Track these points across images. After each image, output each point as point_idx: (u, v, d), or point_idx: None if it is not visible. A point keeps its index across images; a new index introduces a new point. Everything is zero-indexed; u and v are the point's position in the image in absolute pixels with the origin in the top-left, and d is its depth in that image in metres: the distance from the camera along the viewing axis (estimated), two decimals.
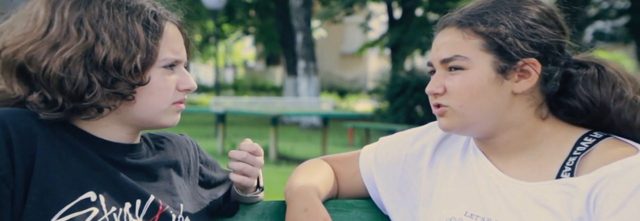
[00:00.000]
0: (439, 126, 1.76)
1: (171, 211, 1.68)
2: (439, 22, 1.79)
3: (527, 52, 1.69)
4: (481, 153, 1.79)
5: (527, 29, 1.69)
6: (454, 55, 1.70)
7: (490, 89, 1.69)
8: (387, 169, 1.90)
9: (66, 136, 1.59)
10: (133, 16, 1.59)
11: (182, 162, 1.77)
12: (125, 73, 1.56)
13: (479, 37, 1.69)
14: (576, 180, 1.67)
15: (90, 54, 1.55)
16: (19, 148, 1.52)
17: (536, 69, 1.70)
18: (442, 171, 1.83)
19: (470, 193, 1.77)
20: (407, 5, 19.61)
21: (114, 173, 1.61)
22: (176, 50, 1.64)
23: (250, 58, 40.01)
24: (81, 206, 1.55)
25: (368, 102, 25.94)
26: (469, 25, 1.70)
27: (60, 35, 1.56)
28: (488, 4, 1.73)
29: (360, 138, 14.91)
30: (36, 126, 1.55)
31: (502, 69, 1.69)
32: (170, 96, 1.64)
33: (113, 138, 1.64)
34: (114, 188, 1.60)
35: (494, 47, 1.69)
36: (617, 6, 18.57)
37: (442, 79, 1.72)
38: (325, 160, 1.98)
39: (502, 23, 1.69)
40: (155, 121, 1.65)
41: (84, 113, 1.58)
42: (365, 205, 1.95)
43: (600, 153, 1.69)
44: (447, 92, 1.72)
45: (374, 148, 1.94)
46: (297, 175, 1.90)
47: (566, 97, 1.76)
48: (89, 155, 1.60)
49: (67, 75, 1.54)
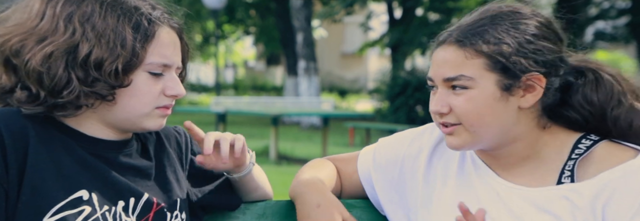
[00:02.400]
0: (449, 145, 1.74)
1: (166, 208, 1.67)
2: (437, 36, 1.76)
3: (531, 69, 1.68)
4: (481, 162, 1.79)
5: (529, 46, 1.68)
6: (459, 74, 1.68)
7: (497, 107, 1.68)
8: (385, 170, 1.90)
9: (57, 134, 1.59)
10: (125, 18, 1.59)
11: (174, 154, 1.76)
12: (106, 74, 1.56)
13: (482, 57, 1.67)
14: (579, 186, 1.67)
15: (73, 50, 1.55)
16: (12, 148, 1.53)
17: (541, 84, 1.69)
18: (440, 175, 1.83)
19: (470, 201, 1.75)
20: (408, 5, 19.60)
21: (105, 171, 1.61)
22: (166, 55, 1.63)
23: (251, 58, 39.98)
24: (73, 204, 1.55)
25: (368, 101, 25.91)
26: (471, 45, 1.68)
27: (48, 30, 1.56)
28: (487, 20, 1.71)
29: (361, 138, 14.90)
30: (28, 125, 1.55)
31: (506, 87, 1.68)
32: (154, 100, 1.63)
33: (102, 136, 1.64)
34: (106, 187, 1.60)
35: (498, 67, 1.67)
36: (617, 6, 18.56)
37: (446, 98, 1.70)
38: (329, 160, 1.99)
39: (504, 42, 1.67)
40: (137, 124, 1.64)
41: (62, 109, 1.57)
42: (366, 205, 1.95)
43: (601, 157, 1.69)
44: (453, 111, 1.70)
45: (373, 149, 1.94)
46: (302, 172, 1.90)
47: (565, 108, 1.76)
48: (80, 153, 1.60)
49: (46, 70, 1.54)
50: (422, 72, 16.17)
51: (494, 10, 1.73)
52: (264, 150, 12.51)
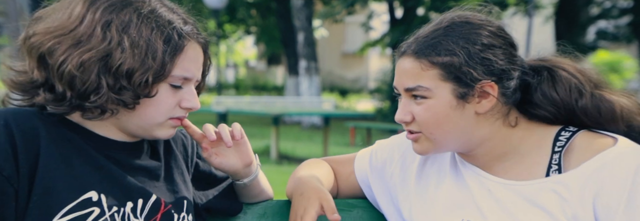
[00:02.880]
0: (415, 151, 1.80)
1: (173, 210, 1.68)
2: (398, 47, 1.82)
3: (481, 78, 1.72)
4: (466, 162, 1.82)
5: (479, 56, 1.72)
6: (417, 85, 1.75)
7: (454, 114, 1.74)
8: (381, 171, 1.93)
9: (69, 135, 1.60)
10: (158, 31, 1.61)
11: (181, 156, 1.78)
12: (135, 83, 1.58)
13: (436, 68, 1.73)
14: (564, 177, 1.70)
15: (107, 58, 1.57)
16: (23, 148, 1.53)
17: (493, 92, 1.74)
18: (434, 177, 1.86)
19: (465, 201, 1.79)
20: (409, 5, 19.59)
21: (116, 172, 1.62)
22: (190, 70, 1.65)
23: (252, 57, 40.00)
24: (82, 206, 1.56)
25: (369, 101, 25.92)
26: (425, 56, 1.74)
27: (85, 34, 1.58)
28: (440, 32, 1.76)
29: (362, 138, 14.90)
30: (40, 125, 1.57)
31: (461, 95, 1.73)
32: (169, 111, 1.66)
33: (114, 137, 1.65)
34: (116, 188, 1.61)
35: (451, 77, 1.73)
36: (619, 5, 18.54)
37: (408, 107, 1.77)
38: (325, 160, 2.01)
39: (454, 54, 1.72)
40: (149, 131, 1.66)
41: (88, 112, 1.59)
42: (367, 205, 1.95)
43: (580, 147, 1.73)
44: (415, 120, 1.76)
45: (370, 151, 1.98)
46: (298, 171, 1.93)
47: (531, 107, 1.79)
48: (91, 154, 1.61)
49: (80, 75, 1.56)
50: None
51: (448, 21, 1.78)
52: (264, 149, 12.51)
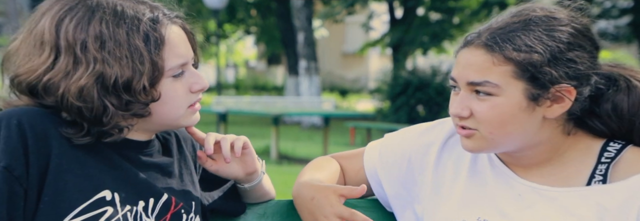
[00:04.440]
0: (464, 148, 1.69)
1: (183, 210, 1.67)
2: (465, 37, 1.68)
3: (562, 81, 1.61)
4: (498, 160, 1.76)
5: (562, 55, 1.60)
6: (484, 80, 1.61)
7: (521, 116, 1.62)
8: (392, 165, 1.87)
9: None
10: (133, 31, 1.58)
11: (190, 157, 1.78)
12: (136, 93, 1.57)
13: (511, 64, 1.59)
14: (609, 187, 1.63)
15: (100, 79, 1.55)
16: (35, 148, 1.53)
17: (570, 96, 1.63)
18: (450, 171, 1.80)
19: (483, 198, 1.73)
20: (409, 5, 19.59)
21: (129, 170, 1.62)
22: (182, 54, 1.63)
23: (252, 57, 39.99)
24: (96, 205, 1.56)
25: (369, 101, 25.90)
26: (500, 50, 1.60)
27: (69, 64, 1.55)
28: (519, 24, 1.62)
29: (362, 138, 14.89)
30: (53, 126, 1.56)
31: (534, 97, 1.61)
32: (184, 102, 1.65)
33: (129, 136, 1.64)
34: (129, 187, 1.61)
35: (526, 76, 1.60)
36: (619, 5, 18.55)
37: (467, 102, 1.64)
38: (333, 157, 1.97)
39: (535, 51, 1.59)
40: (174, 125, 1.67)
41: (108, 136, 1.58)
42: (369, 205, 1.94)
43: (630, 160, 1.66)
44: (473, 116, 1.64)
45: (379, 144, 1.92)
46: (302, 173, 1.89)
47: (590, 118, 1.70)
48: (105, 152, 1.60)
49: (83, 104, 1.55)
50: (423, 71, 16.18)
51: (528, 13, 1.64)
52: (264, 149, 12.51)
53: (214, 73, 27.90)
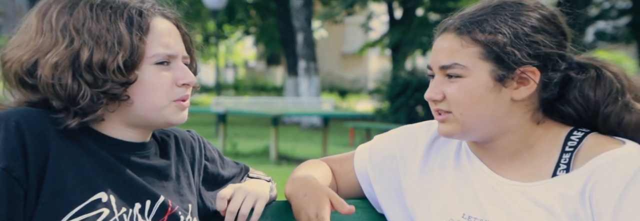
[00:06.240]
0: (439, 132, 1.76)
1: (180, 212, 1.68)
2: (439, 24, 1.77)
3: (525, 61, 1.68)
4: (474, 156, 1.80)
5: (526, 38, 1.68)
6: (453, 63, 1.70)
7: (489, 97, 1.69)
8: (381, 166, 1.90)
9: (78, 136, 1.60)
10: (116, 16, 1.60)
11: (188, 159, 1.77)
12: (111, 73, 1.57)
13: (477, 45, 1.68)
14: (570, 176, 1.68)
15: (76, 58, 1.56)
16: (33, 149, 1.53)
17: (534, 78, 1.70)
18: (437, 172, 1.84)
19: (467, 196, 1.77)
20: (408, 6, 19.59)
21: (124, 173, 1.62)
22: (168, 45, 1.64)
23: (251, 58, 39.99)
24: (92, 207, 1.56)
25: (369, 102, 25.91)
26: (468, 33, 1.69)
27: (50, 44, 1.58)
28: (488, 10, 1.71)
29: (361, 138, 14.89)
30: (50, 126, 1.56)
31: (500, 77, 1.69)
32: (167, 93, 1.64)
33: (124, 137, 1.65)
34: (125, 189, 1.61)
35: (492, 56, 1.68)
36: (618, 6, 18.54)
37: (440, 86, 1.72)
38: (323, 161, 1.99)
39: (500, 32, 1.68)
40: (160, 119, 1.65)
41: (86, 116, 1.58)
42: (365, 205, 1.95)
43: (589, 147, 1.70)
44: (446, 99, 1.72)
45: (369, 146, 1.95)
46: (295, 172, 1.91)
47: (561, 102, 1.76)
48: (101, 154, 1.61)
49: (57, 82, 1.56)
50: (422, 72, 16.16)
51: (499, 0, 1.73)
52: (264, 150, 12.50)
53: (214, 73, 27.90)
